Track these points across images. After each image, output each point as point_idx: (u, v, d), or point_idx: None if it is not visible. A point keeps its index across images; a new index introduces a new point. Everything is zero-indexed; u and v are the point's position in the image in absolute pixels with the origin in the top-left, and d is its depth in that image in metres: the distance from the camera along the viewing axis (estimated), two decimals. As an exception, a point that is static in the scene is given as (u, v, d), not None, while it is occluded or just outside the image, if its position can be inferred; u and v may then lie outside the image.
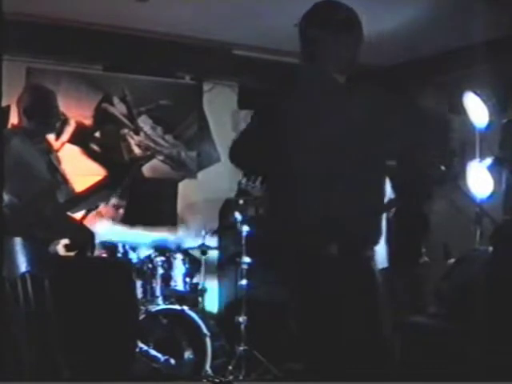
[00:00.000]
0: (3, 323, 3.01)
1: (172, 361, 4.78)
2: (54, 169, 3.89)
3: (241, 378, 4.83)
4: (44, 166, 3.77)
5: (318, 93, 2.63)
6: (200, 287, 5.40)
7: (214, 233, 5.81)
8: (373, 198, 2.69)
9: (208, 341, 4.87)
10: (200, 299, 5.40)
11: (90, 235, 4.06)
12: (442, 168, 3.05)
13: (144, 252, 5.14)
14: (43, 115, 3.86)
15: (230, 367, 4.89)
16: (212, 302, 6.02)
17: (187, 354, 4.95)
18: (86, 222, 4.15)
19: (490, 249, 3.89)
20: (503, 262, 3.62)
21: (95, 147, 5.84)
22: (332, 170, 2.57)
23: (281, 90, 2.75)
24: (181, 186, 6.22)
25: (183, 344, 4.96)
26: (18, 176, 3.55)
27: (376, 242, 2.72)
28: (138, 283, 4.94)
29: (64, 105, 5.29)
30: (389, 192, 3.25)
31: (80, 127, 5.72)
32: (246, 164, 2.90)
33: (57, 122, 4.08)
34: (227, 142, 2.73)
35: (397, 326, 2.69)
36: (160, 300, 5.00)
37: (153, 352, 4.74)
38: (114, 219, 5.48)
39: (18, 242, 3.46)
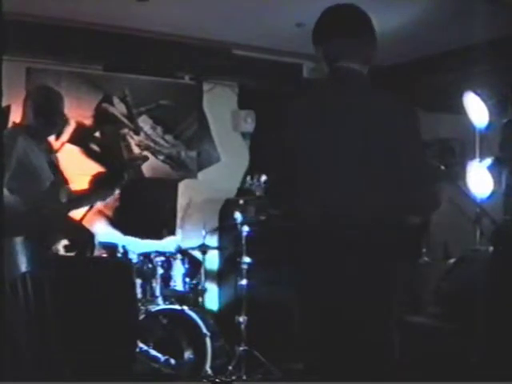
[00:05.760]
0: (3, 323, 3.01)
1: (172, 361, 4.78)
2: (55, 169, 3.90)
3: (243, 378, 4.83)
4: (46, 165, 3.78)
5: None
6: (200, 287, 5.39)
7: (214, 230, 5.82)
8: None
9: (208, 341, 4.87)
10: (200, 299, 5.40)
11: (90, 235, 4.07)
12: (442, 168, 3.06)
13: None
14: (51, 115, 3.88)
15: (230, 367, 4.88)
16: (212, 301, 6.02)
17: (187, 354, 4.95)
18: (86, 222, 4.15)
19: (490, 249, 3.90)
20: (503, 262, 3.62)
21: (95, 147, 5.83)
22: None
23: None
24: (181, 186, 6.22)
25: (183, 344, 4.96)
26: (21, 175, 3.55)
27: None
28: (138, 283, 4.94)
29: (64, 105, 5.32)
30: None
31: (80, 127, 5.71)
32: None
33: (62, 124, 4.10)
34: (227, 142, 2.72)
35: (397, 326, 2.68)
36: (160, 300, 4.99)
37: (153, 352, 4.74)
38: (113, 219, 5.48)
39: (18, 241, 3.46)
